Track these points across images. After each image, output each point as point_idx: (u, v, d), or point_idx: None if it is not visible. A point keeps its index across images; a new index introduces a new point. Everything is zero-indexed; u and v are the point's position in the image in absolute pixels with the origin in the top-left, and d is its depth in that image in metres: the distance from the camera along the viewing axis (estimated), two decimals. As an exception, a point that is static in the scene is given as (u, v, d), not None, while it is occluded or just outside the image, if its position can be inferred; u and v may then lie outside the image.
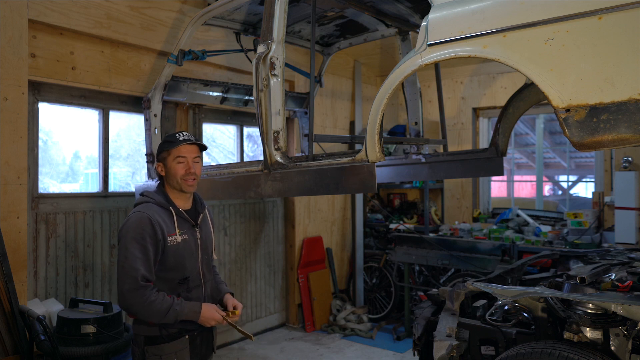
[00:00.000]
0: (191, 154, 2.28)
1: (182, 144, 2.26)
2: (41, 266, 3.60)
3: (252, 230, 5.35)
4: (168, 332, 2.20)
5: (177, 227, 2.24)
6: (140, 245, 2.12)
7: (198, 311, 2.20)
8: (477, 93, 6.25)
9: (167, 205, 2.25)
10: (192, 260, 2.28)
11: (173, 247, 2.21)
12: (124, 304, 2.11)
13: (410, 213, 6.44)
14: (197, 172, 2.30)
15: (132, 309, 2.11)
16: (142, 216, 2.16)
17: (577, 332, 2.30)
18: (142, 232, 2.12)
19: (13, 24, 3.23)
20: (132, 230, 2.14)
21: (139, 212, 2.19)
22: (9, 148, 3.22)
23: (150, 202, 2.25)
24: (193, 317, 2.19)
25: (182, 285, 2.25)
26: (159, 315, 2.11)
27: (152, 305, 2.09)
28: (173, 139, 2.28)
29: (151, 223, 2.15)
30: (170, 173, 2.27)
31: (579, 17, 1.68)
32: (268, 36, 2.76)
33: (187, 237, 2.27)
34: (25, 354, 2.82)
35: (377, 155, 2.36)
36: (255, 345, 5.03)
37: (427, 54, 2.07)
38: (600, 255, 3.50)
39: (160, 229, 2.17)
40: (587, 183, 9.73)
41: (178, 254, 2.22)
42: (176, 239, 2.22)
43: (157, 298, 2.11)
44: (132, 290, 2.08)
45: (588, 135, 1.69)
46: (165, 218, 2.23)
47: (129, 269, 2.09)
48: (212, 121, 4.98)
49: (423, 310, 3.00)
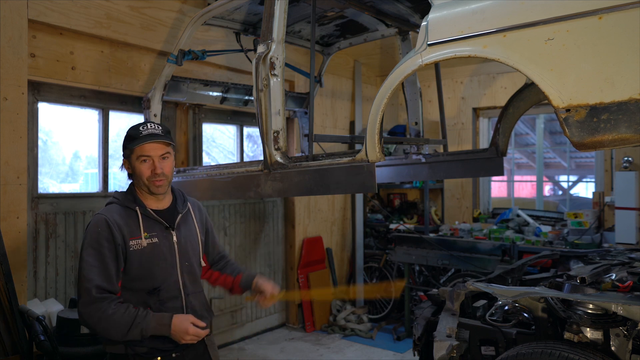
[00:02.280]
0: (157, 152, 1.98)
1: (145, 142, 1.95)
2: (41, 266, 3.60)
3: (252, 230, 5.34)
4: (135, 351, 1.89)
5: (143, 229, 1.97)
6: (95, 251, 1.86)
7: (167, 323, 1.87)
8: (477, 93, 6.25)
9: (133, 206, 1.99)
10: (165, 267, 1.99)
11: (137, 252, 1.93)
12: (80, 318, 1.85)
13: (411, 213, 6.44)
14: (167, 171, 2.01)
15: (88, 323, 1.84)
16: (99, 219, 1.92)
17: (577, 332, 2.30)
18: (98, 237, 1.88)
19: (13, 23, 3.23)
20: (88, 236, 1.90)
21: (98, 214, 1.96)
22: (8, 148, 3.22)
23: (115, 202, 2.01)
24: (162, 331, 1.87)
25: (152, 296, 1.96)
26: (119, 330, 1.82)
27: (110, 320, 1.81)
28: (135, 134, 1.98)
29: (108, 225, 1.90)
30: (136, 173, 2.00)
31: (579, 17, 1.68)
32: (268, 36, 2.76)
33: (158, 240, 1.98)
34: (24, 354, 2.81)
35: (377, 155, 2.35)
36: (255, 345, 5.03)
37: (427, 53, 2.07)
38: (600, 256, 3.50)
39: (119, 232, 1.91)
40: (588, 183, 9.73)
41: (144, 260, 1.94)
42: (141, 242, 1.94)
43: (116, 311, 1.82)
44: (85, 303, 1.82)
45: (588, 135, 1.69)
46: (129, 220, 1.96)
47: (83, 280, 1.84)
48: (212, 121, 4.98)
49: (423, 311, 3.00)
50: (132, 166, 2.01)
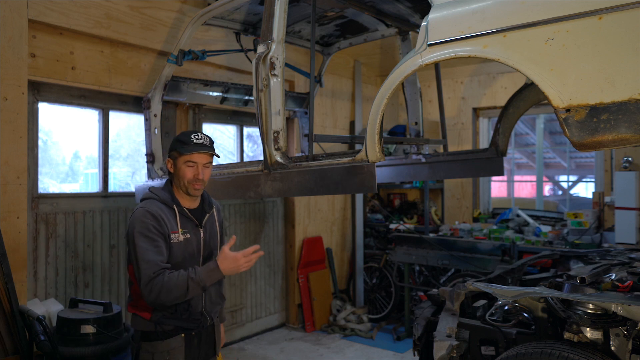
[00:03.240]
0: (202, 160, 2.23)
1: (195, 151, 2.19)
2: (41, 266, 3.60)
3: (252, 230, 5.35)
4: (163, 329, 2.15)
5: (180, 225, 2.20)
6: (146, 237, 2.07)
7: (215, 267, 2.07)
8: (477, 93, 6.25)
9: (171, 203, 2.21)
10: (192, 261, 2.22)
11: (175, 244, 2.16)
12: (149, 297, 2.03)
13: (411, 213, 6.44)
14: (206, 179, 2.26)
15: (151, 298, 2.03)
16: (145, 211, 2.13)
17: (577, 332, 2.30)
18: (147, 225, 2.09)
19: (13, 23, 3.23)
20: (137, 225, 2.09)
21: (142, 207, 2.16)
22: (8, 148, 3.22)
23: (154, 198, 2.21)
24: (216, 275, 2.08)
25: None
26: (180, 292, 2.02)
27: (168, 286, 2.01)
28: (187, 141, 2.20)
29: (154, 217, 2.11)
30: (179, 174, 2.23)
31: (579, 17, 1.68)
32: (268, 36, 2.76)
33: (190, 236, 2.22)
34: (25, 354, 2.81)
35: (377, 155, 2.36)
36: (255, 346, 5.03)
37: (427, 53, 2.07)
38: (600, 256, 3.50)
39: (165, 223, 2.13)
40: (587, 183, 9.73)
41: (179, 253, 2.17)
42: (178, 237, 2.17)
43: (171, 277, 2.03)
44: (146, 282, 2.02)
45: (588, 135, 1.69)
46: (169, 215, 2.18)
47: (141, 262, 2.04)
48: (212, 121, 4.98)
49: (423, 311, 3.00)
50: (177, 168, 2.23)
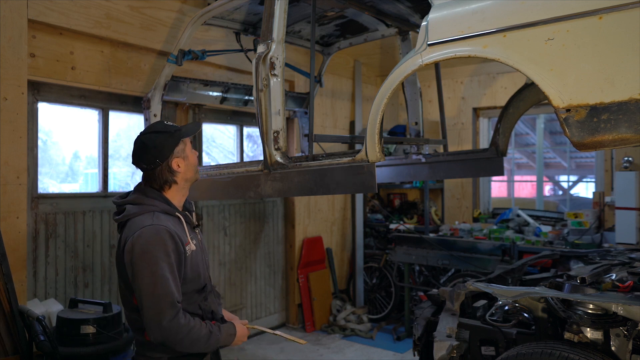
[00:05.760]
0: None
1: (187, 131, 1.99)
2: (41, 266, 3.60)
3: (252, 230, 5.34)
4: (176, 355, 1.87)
5: (188, 234, 1.95)
6: (167, 264, 1.78)
7: (233, 333, 1.93)
8: (477, 93, 6.25)
9: (173, 211, 1.93)
10: (203, 266, 2.01)
11: (190, 256, 1.91)
12: (164, 335, 1.74)
13: (411, 213, 6.44)
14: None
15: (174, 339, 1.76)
16: (159, 229, 1.80)
17: (577, 332, 2.30)
18: (166, 248, 1.79)
19: (13, 23, 3.23)
20: (156, 248, 1.77)
21: (152, 225, 1.81)
22: (8, 148, 3.22)
23: (155, 210, 1.89)
24: (229, 340, 1.92)
25: (200, 294, 1.96)
26: (201, 344, 1.81)
27: (192, 333, 1.78)
28: (169, 128, 1.97)
29: (172, 237, 1.82)
30: (189, 166, 1.99)
31: (579, 17, 1.68)
32: (268, 36, 2.76)
33: (196, 242, 1.99)
34: (24, 354, 2.81)
35: (377, 155, 2.35)
36: (255, 346, 5.02)
37: (427, 53, 2.07)
38: (600, 256, 3.50)
39: (180, 241, 1.86)
40: (588, 183, 9.72)
41: (194, 263, 1.93)
42: (191, 247, 1.92)
43: (196, 324, 1.80)
44: (173, 318, 1.74)
45: (588, 135, 1.69)
46: (179, 227, 1.91)
47: (164, 295, 1.74)
48: (212, 121, 4.98)
49: (423, 311, 3.00)
50: (188, 159, 1.98)
